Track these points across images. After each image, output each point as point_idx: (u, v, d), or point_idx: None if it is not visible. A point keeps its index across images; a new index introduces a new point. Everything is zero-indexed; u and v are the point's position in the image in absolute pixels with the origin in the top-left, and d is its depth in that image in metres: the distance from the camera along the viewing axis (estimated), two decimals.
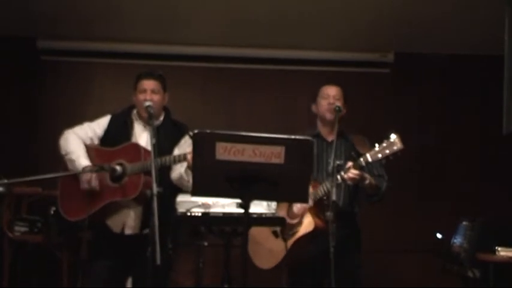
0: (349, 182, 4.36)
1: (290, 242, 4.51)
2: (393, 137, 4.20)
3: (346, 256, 4.42)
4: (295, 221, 4.54)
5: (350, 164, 4.32)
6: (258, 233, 4.70)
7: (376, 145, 4.25)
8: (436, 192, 6.80)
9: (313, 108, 4.80)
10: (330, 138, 4.68)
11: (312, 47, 6.88)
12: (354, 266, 4.59)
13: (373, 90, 6.85)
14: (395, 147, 4.18)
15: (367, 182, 4.44)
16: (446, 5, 5.84)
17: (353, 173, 4.28)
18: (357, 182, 4.40)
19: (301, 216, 4.50)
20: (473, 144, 6.89)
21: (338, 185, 4.48)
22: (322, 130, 4.74)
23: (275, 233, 4.52)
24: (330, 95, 4.68)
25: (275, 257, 4.50)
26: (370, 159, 4.25)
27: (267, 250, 4.52)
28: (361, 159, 4.28)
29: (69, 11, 6.19)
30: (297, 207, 4.53)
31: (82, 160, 4.41)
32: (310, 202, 4.41)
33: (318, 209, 4.39)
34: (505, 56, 5.06)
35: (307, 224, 4.44)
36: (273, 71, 6.99)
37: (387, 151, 4.19)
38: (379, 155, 4.22)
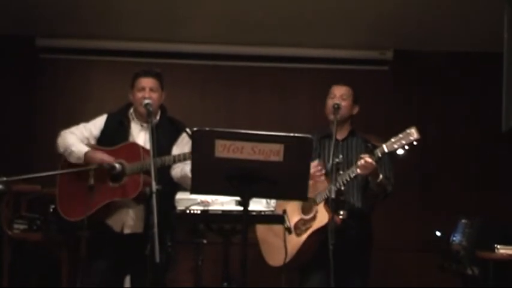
0: (360, 171, 4.26)
1: (303, 237, 4.48)
2: (410, 128, 4.16)
3: (355, 255, 4.45)
4: (309, 217, 4.52)
5: (366, 154, 4.26)
6: (270, 230, 4.68)
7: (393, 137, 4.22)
8: (435, 191, 6.79)
9: (325, 109, 4.80)
10: (341, 136, 4.68)
11: (312, 45, 6.87)
12: (362, 266, 4.60)
13: (372, 87, 6.83)
14: (411, 138, 4.13)
15: (379, 179, 4.39)
16: (446, 2, 5.83)
17: (366, 160, 4.21)
18: (369, 174, 4.32)
19: (315, 210, 4.48)
20: (472, 142, 6.87)
21: (352, 183, 4.47)
22: (332, 129, 4.71)
23: (288, 230, 4.49)
24: (336, 95, 4.67)
25: (288, 254, 4.44)
26: (386, 150, 4.19)
27: (280, 247, 4.49)
28: (377, 150, 4.23)
29: (68, 10, 6.18)
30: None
31: (82, 148, 4.43)
32: (323, 196, 4.41)
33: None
34: (504, 54, 5.06)
35: (321, 218, 4.39)
36: (273, 68, 6.98)
37: (403, 141, 4.14)
38: (395, 146, 4.17)
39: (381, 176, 4.40)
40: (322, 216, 4.41)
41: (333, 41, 6.80)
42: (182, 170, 4.37)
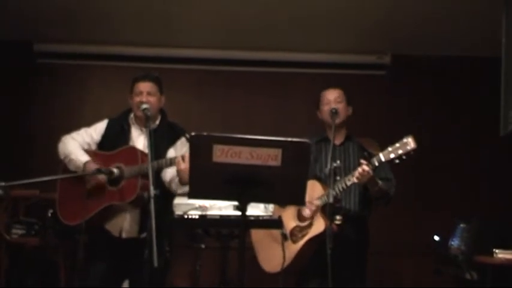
0: (356, 180, 4.27)
1: (300, 243, 4.47)
2: (407, 137, 4.18)
3: (352, 259, 4.45)
4: (305, 224, 4.52)
5: (364, 162, 4.26)
6: (266, 236, 4.68)
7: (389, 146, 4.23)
8: (433, 195, 6.79)
9: (318, 115, 4.79)
10: (338, 141, 4.69)
11: (308, 49, 6.88)
12: (359, 270, 4.59)
13: (370, 92, 6.84)
14: (408, 147, 4.15)
15: (377, 187, 4.40)
16: (443, 7, 5.84)
17: (364, 169, 4.21)
18: (366, 182, 4.33)
19: (312, 218, 4.48)
20: (469, 146, 6.88)
21: (349, 189, 4.45)
22: (330, 134, 4.71)
23: (284, 236, 4.48)
24: (331, 100, 4.67)
25: (285, 260, 4.43)
26: (383, 159, 4.21)
27: (276, 253, 4.48)
28: (374, 159, 4.25)
29: (65, 15, 6.19)
30: (307, 211, 4.50)
31: (82, 157, 4.44)
32: (318, 202, 4.41)
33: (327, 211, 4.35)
34: (503, 58, 5.06)
35: (318, 226, 4.39)
36: (269, 73, 6.99)
37: (400, 151, 4.16)
38: (392, 155, 4.18)
39: (380, 183, 4.41)
40: (318, 224, 4.41)
41: (330, 45, 6.81)
42: (173, 173, 4.37)
